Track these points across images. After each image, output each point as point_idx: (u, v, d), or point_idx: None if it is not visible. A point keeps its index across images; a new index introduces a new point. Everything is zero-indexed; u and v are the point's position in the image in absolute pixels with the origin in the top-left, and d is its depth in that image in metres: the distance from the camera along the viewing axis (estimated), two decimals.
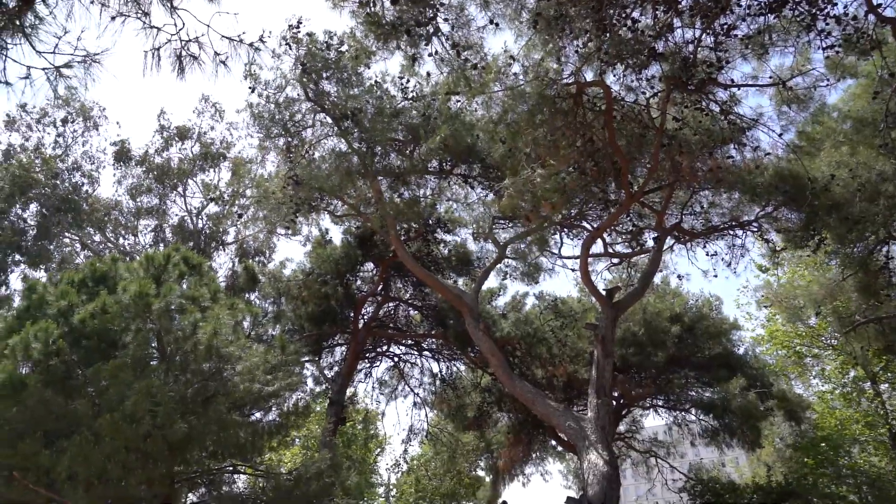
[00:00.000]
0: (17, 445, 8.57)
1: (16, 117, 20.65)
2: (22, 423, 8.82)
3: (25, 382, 8.87)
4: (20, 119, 20.75)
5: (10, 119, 20.64)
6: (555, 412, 11.95)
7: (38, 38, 3.18)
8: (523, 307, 20.60)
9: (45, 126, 21.09)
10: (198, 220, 23.24)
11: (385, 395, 24.25)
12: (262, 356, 10.58)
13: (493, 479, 30.68)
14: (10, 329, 10.10)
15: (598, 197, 13.37)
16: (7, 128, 20.54)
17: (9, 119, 20.60)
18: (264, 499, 10.95)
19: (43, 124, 21.01)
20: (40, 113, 21.02)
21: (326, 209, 15.36)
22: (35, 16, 3.15)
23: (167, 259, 11.77)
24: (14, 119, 20.68)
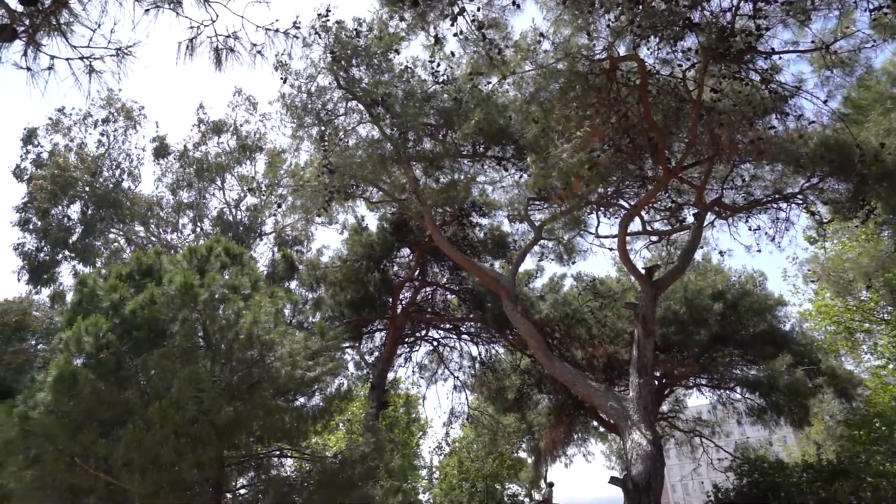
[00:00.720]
0: (76, 435, 8.95)
1: (60, 119, 21.34)
2: (78, 413, 9.19)
3: (79, 374, 9.24)
4: (64, 120, 21.43)
5: (55, 121, 21.32)
6: (596, 392, 11.87)
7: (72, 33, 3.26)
8: (561, 288, 20.46)
9: (87, 126, 21.74)
10: (236, 211, 23.70)
11: (425, 379, 24.49)
12: (303, 342, 10.77)
13: (535, 461, 30.75)
14: (67, 322, 10.52)
15: (634, 174, 13.11)
16: (51, 129, 21.23)
17: (52, 121, 21.28)
18: (311, 482, 11.18)
19: (86, 125, 21.66)
20: (83, 114, 21.66)
21: (361, 196, 15.46)
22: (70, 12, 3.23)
23: (209, 251, 12.06)
24: (58, 121, 21.36)
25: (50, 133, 21.17)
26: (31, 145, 20.78)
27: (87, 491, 9.69)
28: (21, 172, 20.45)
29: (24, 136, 20.81)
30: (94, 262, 20.67)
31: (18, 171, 20.49)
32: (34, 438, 9.26)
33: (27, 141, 20.80)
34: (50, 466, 9.13)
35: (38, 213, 20.04)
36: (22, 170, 20.50)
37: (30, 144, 20.79)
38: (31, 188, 19.96)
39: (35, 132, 20.82)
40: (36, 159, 20.63)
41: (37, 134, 20.87)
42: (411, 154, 12.99)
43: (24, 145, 20.76)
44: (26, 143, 20.81)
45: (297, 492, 11.12)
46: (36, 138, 20.84)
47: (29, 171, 20.45)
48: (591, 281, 19.75)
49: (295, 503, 10.74)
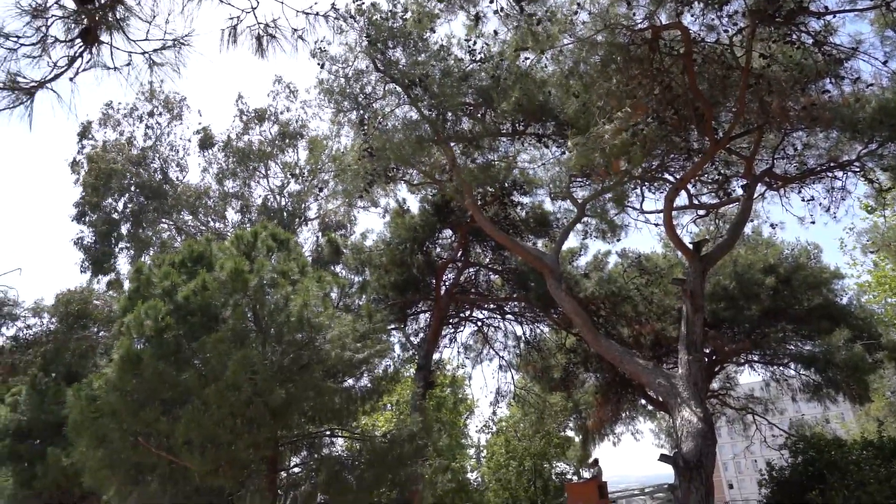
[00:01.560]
0: (139, 412, 9.37)
1: (110, 113, 22.07)
2: (141, 393, 9.62)
3: (141, 356, 9.65)
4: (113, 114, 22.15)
5: (105, 115, 22.05)
6: (644, 370, 11.72)
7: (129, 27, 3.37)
8: (606, 266, 20.18)
9: (134, 120, 22.42)
10: (280, 198, 24.16)
11: (471, 360, 24.62)
12: (350, 325, 10.96)
13: (582, 439, 30.67)
14: (124, 309, 10.98)
15: (679, 147, 12.76)
16: (102, 124, 21.98)
17: (104, 116, 22.02)
18: (361, 460, 11.45)
19: (133, 118, 22.34)
20: (130, 108, 22.33)
21: (402, 179, 15.52)
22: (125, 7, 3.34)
23: (256, 237, 12.36)
24: (109, 115, 22.10)
25: (102, 128, 21.96)
26: (86, 139, 21.59)
27: (150, 469, 10.17)
28: (77, 166, 21.30)
29: (79, 132, 21.65)
30: (148, 251, 21.45)
31: (75, 165, 21.36)
32: (101, 419, 9.73)
33: (82, 136, 21.62)
34: (116, 445, 9.59)
35: (90, 206, 20.87)
36: (77, 164, 21.34)
37: (84, 139, 21.60)
38: (84, 182, 20.78)
39: (90, 127, 21.60)
40: (90, 153, 21.43)
41: (91, 129, 21.65)
42: (450, 134, 12.95)
43: (79, 140, 21.59)
44: (81, 137, 21.63)
45: (349, 470, 11.41)
46: (90, 133, 21.63)
47: (83, 165, 21.28)
48: (636, 257, 19.42)
49: (346, 481, 11.01)
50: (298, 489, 11.86)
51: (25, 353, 21.53)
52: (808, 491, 15.06)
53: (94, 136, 21.84)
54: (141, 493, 10.27)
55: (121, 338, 10.32)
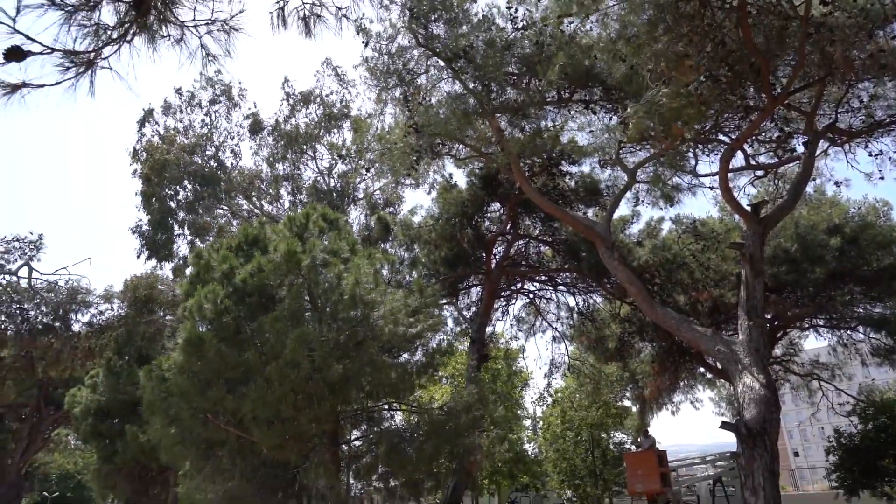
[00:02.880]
0: (206, 392, 9.80)
1: (172, 102, 22.74)
2: (206, 372, 10.04)
3: (203, 339, 10.05)
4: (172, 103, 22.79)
5: (167, 104, 22.72)
6: (702, 337, 11.47)
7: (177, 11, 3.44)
8: (659, 233, 19.71)
9: (193, 108, 23.02)
10: (329, 179, 24.48)
11: (524, 332, 24.62)
12: (402, 300, 11.11)
13: (640, 409, 30.39)
14: (186, 293, 11.43)
15: (735, 105, 12.22)
16: (164, 113, 22.66)
17: (166, 105, 22.69)
18: (420, 432, 11.68)
19: (192, 106, 22.94)
20: (188, 96, 22.93)
21: (448, 154, 15.46)
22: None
23: (307, 218, 12.61)
24: (170, 104, 22.76)
25: (163, 116, 22.65)
26: (146, 127, 22.34)
27: (220, 444, 10.65)
28: (137, 154, 22.09)
29: (139, 120, 22.39)
30: (206, 236, 22.17)
31: (135, 154, 22.16)
32: (172, 399, 10.23)
33: (142, 124, 22.36)
34: (187, 423, 10.08)
35: (149, 194, 21.67)
36: (137, 152, 22.13)
37: (144, 127, 22.35)
38: (143, 171, 21.55)
39: (151, 114, 22.32)
40: (148, 143, 22.18)
41: (151, 116, 22.37)
42: (495, 106, 12.78)
43: (139, 128, 22.35)
44: (141, 125, 22.38)
45: (408, 442, 11.66)
46: (150, 121, 22.36)
47: (143, 153, 22.05)
48: (691, 223, 18.88)
49: (406, 453, 11.27)
50: (360, 461, 12.21)
51: (100, 338, 22.72)
52: (881, 458, 14.54)
53: (155, 122, 22.56)
54: (212, 466, 10.79)
55: (184, 321, 10.75)
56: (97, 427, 22.41)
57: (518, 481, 32.07)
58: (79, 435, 28.26)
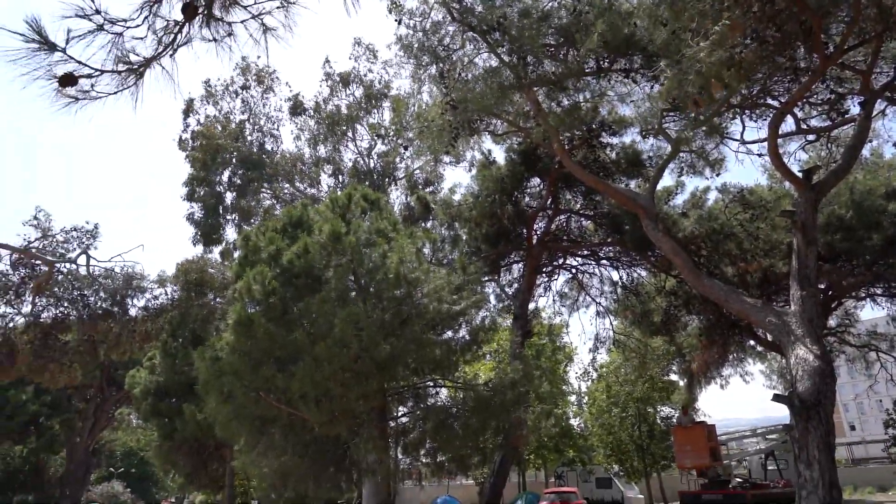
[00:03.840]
0: (257, 370, 10.11)
1: (209, 90, 23.15)
2: (257, 352, 10.35)
3: (252, 319, 10.34)
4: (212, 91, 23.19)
5: (208, 92, 23.15)
6: (752, 308, 11.19)
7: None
8: (705, 203, 19.19)
9: (231, 95, 23.39)
10: (369, 160, 24.62)
11: (567, 307, 24.48)
12: (445, 278, 11.17)
13: (687, 383, 29.95)
14: (235, 275, 11.75)
15: (784, 67, 11.73)
16: (204, 101, 23.09)
17: (207, 92, 23.12)
18: (465, 408, 11.82)
19: (229, 93, 23.32)
20: (226, 84, 23.31)
21: (486, 130, 15.35)
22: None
23: (349, 199, 12.75)
24: (211, 92, 23.18)
25: (203, 105, 23.09)
26: (190, 117, 22.84)
27: (272, 421, 11.00)
28: (183, 143, 22.64)
29: (183, 109, 22.91)
30: (252, 220, 22.68)
31: (181, 143, 22.73)
32: (225, 378, 10.59)
33: (186, 113, 22.87)
34: (240, 400, 10.43)
35: (197, 181, 22.22)
36: (183, 141, 22.69)
37: (188, 116, 22.86)
38: (192, 158, 22.09)
39: (192, 104, 22.80)
40: (194, 131, 22.68)
41: (193, 106, 22.85)
42: (532, 78, 12.58)
43: (184, 118, 22.88)
44: (185, 115, 22.90)
45: (454, 418, 11.82)
46: (193, 110, 22.86)
47: (189, 142, 22.58)
48: (738, 192, 18.30)
49: (452, 428, 11.42)
50: (407, 437, 12.44)
51: (155, 321, 23.60)
52: None
53: (197, 112, 23.02)
54: (266, 442, 11.17)
55: (234, 303, 11.08)
56: (157, 406, 23.44)
57: (564, 456, 32.18)
58: (140, 414, 29.63)
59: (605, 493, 30.40)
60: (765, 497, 17.44)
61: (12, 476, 41.79)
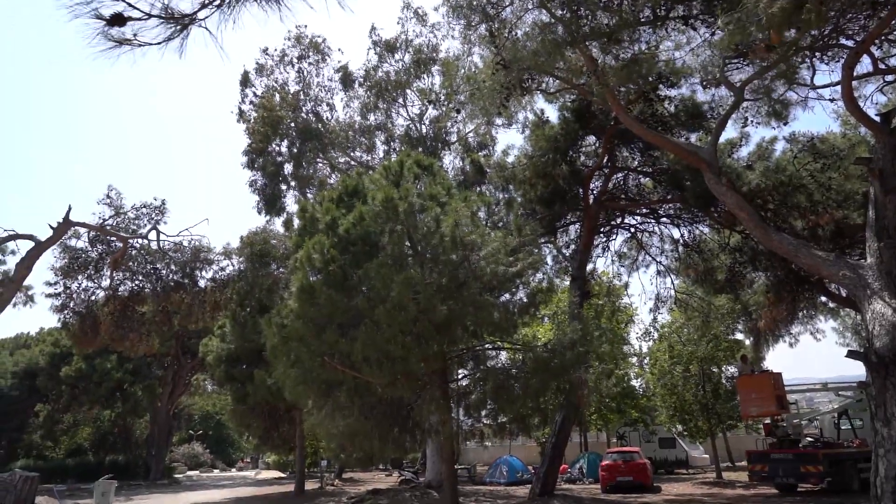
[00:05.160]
0: (321, 337, 10.44)
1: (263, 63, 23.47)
2: (319, 318, 10.68)
3: (314, 287, 10.65)
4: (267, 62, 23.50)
5: (260, 66, 23.50)
6: (824, 262, 10.70)
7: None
8: (772, 154, 18.29)
9: (285, 66, 23.64)
10: (421, 125, 24.56)
11: (626, 267, 24.09)
12: (501, 241, 11.15)
13: (754, 342, 29.11)
14: (296, 245, 12.08)
15: (859, 2, 10.92)
16: (258, 74, 23.46)
17: (258, 66, 23.47)
18: (525, 369, 11.89)
19: (283, 64, 23.57)
20: (280, 55, 23.55)
21: (539, 88, 15.01)
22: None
23: (402, 166, 12.80)
24: (263, 65, 23.52)
25: (258, 76, 23.45)
26: (247, 88, 23.26)
27: (338, 384, 11.38)
28: (242, 115, 23.15)
29: (240, 80, 23.34)
30: (309, 190, 23.12)
31: (240, 113, 23.25)
32: (291, 343, 10.99)
33: (244, 84, 23.30)
34: (307, 365, 10.82)
35: (256, 152, 22.74)
36: (242, 112, 23.19)
37: (246, 87, 23.28)
38: (248, 129, 22.58)
39: (248, 76, 23.21)
40: (252, 101, 23.12)
41: (250, 77, 23.25)
42: (585, 32, 12.17)
43: (241, 89, 23.33)
44: (243, 86, 23.33)
45: (514, 379, 11.92)
46: (250, 82, 23.27)
47: (248, 112, 23.06)
48: (808, 141, 17.34)
49: (513, 388, 11.53)
50: (468, 398, 12.66)
51: (223, 292, 24.66)
52: None
53: (252, 85, 23.40)
54: (332, 404, 11.59)
55: (296, 271, 11.41)
56: (229, 372, 24.63)
57: (626, 416, 32.05)
58: (214, 379, 31.29)
59: (668, 453, 30.21)
60: (838, 456, 16.94)
61: (103, 438, 45.08)
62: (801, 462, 16.66)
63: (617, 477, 20.76)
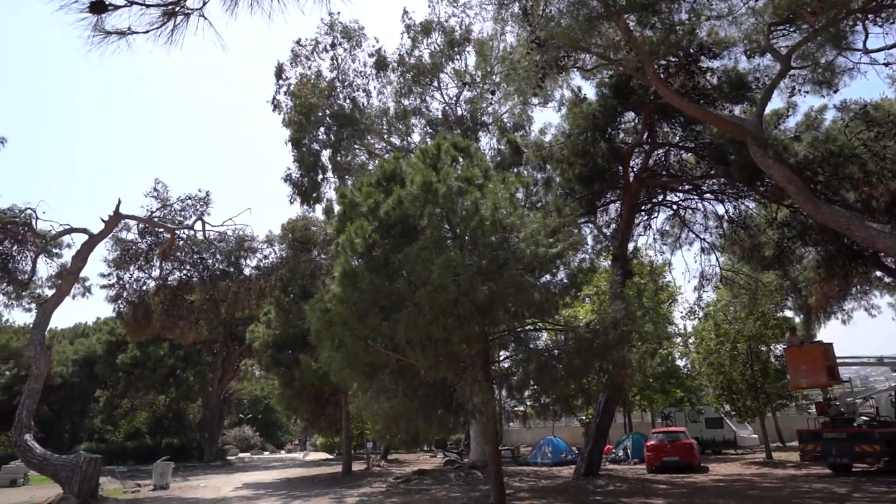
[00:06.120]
0: (364, 319, 10.59)
1: (298, 51, 23.68)
2: (362, 303, 10.82)
3: (356, 271, 10.78)
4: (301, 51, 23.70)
5: (295, 54, 23.71)
6: (880, 234, 10.30)
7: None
8: (821, 123, 17.61)
9: (319, 53, 23.80)
10: (456, 108, 24.45)
11: (668, 245, 23.67)
12: (540, 222, 11.07)
13: (804, 319, 28.32)
14: (337, 230, 12.24)
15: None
16: (292, 63, 23.70)
17: (294, 55, 23.69)
18: (567, 350, 11.83)
19: (317, 52, 23.73)
20: (314, 43, 23.71)
21: (575, 66, 14.79)
22: None
23: (438, 148, 12.79)
24: (297, 54, 23.73)
25: (293, 66, 23.68)
26: (281, 79, 23.53)
27: (381, 366, 11.55)
28: (278, 105, 23.46)
29: (275, 71, 23.63)
30: (348, 176, 23.32)
31: (276, 103, 23.56)
32: (335, 327, 11.18)
33: (278, 75, 23.58)
34: (351, 349, 11.00)
35: (294, 141, 23.02)
36: (277, 102, 23.50)
37: (280, 78, 23.56)
38: (286, 120, 22.87)
39: (282, 67, 23.48)
40: (287, 91, 23.38)
41: (284, 67, 23.52)
42: (621, 5, 11.89)
43: (276, 80, 23.62)
44: (277, 77, 23.62)
45: (556, 359, 11.88)
46: (284, 72, 23.53)
47: (282, 102, 23.35)
48: (861, 108, 16.60)
49: (556, 369, 11.50)
50: (511, 379, 12.68)
51: (267, 279, 25.18)
52: None
53: (287, 75, 23.66)
54: (377, 387, 11.77)
55: (338, 256, 11.57)
56: (276, 357, 25.25)
57: (671, 396, 31.62)
58: (261, 365, 32.11)
59: (715, 433, 29.71)
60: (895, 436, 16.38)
61: (159, 422, 46.94)
62: (855, 441, 16.16)
63: (663, 457, 20.53)
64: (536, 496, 15.08)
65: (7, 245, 21.31)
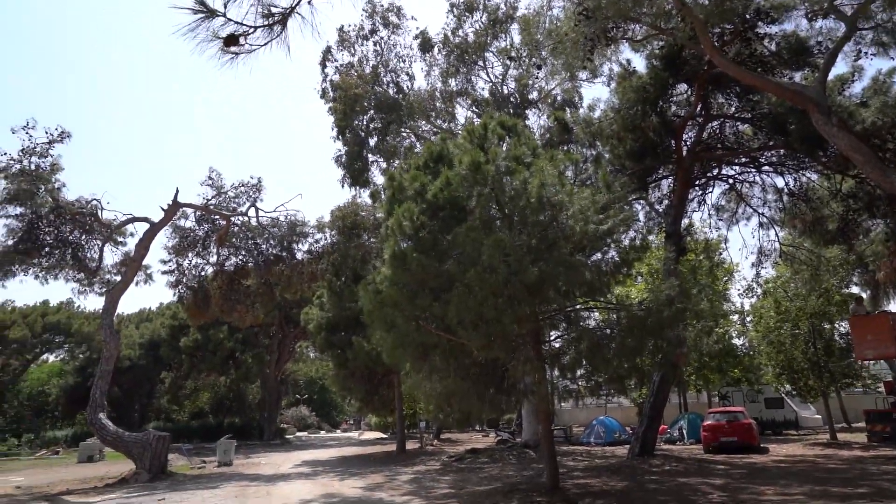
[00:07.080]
0: (415, 300, 10.69)
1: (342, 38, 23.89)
2: (413, 284, 10.92)
3: (406, 253, 10.87)
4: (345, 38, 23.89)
5: (341, 39, 23.92)
6: None
7: None
8: (890, 88, 16.59)
9: (362, 39, 23.94)
10: (503, 87, 24.20)
11: (724, 221, 22.96)
12: (590, 198, 10.89)
13: (871, 294, 27.08)
14: (386, 213, 12.35)
15: None
16: (339, 47, 23.94)
17: (340, 38, 23.90)
18: (620, 329, 11.66)
19: (360, 38, 23.87)
20: (357, 29, 23.86)
21: (624, 37, 14.39)
22: None
23: (485, 128, 12.71)
24: (344, 39, 23.94)
25: (339, 51, 23.95)
26: (327, 67, 23.87)
27: (433, 346, 11.65)
28: (324, 93, 23.84)
29: (320, 61, 23.97)
30: (394, 160, 23.50)
31: (323, 92, 23.94)
32: (386, 309, 11.33)
33: (323, 64, 23.93)
34: (402, 329, 11.14)
35: (341, 128, 23.32)
36: (324, 90, 23.87)
37: (325, 67, 23.90)
38: (335, 107, 23.17)
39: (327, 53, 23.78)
40: (332, 80, 23.70)
41: (330, 54, 23.82)
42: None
43: (322, 68, 23.97)
44: (323, 66, 23.97)
45: (609, 339, 11.73)
46: (329, 59, 23.84)
47: (328, 91, 23.69)
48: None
49: (608, 348, 11.36)
50: (563, 359, 12.60)
51: (319, 263, 25.72)
52: None
53: (335, 59, 23.95)
54: (429, 367, 11.91)
55: (388, 239, 11.68)
56: (329, 339, 25.86)
57: (728, 376, 30.83)
58: (316, 347, 32.96)
59: (776, 414, 28.89)
60: None
61: (221, 402, 48.92)
62: None
63: (720, 437, 20.10)
64: (590, 475, 15.04)
65: (76, 235, 22.39)
